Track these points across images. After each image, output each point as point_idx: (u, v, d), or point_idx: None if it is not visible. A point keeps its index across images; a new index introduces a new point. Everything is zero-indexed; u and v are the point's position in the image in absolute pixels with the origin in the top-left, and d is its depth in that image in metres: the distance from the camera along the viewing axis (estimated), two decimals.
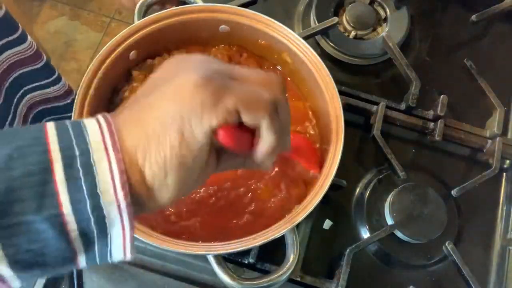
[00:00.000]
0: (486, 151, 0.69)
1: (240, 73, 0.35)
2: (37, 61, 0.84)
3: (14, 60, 0.78)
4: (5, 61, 0.75)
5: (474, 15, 0.75)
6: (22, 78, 0.81)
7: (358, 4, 0.75)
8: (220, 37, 0.63)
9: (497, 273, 0.65)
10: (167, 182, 0.31)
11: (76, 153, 0.29)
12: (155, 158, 0.31)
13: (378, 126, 0.66)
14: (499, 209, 0.69)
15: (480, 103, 0.72)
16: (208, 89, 0.31)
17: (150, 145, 0.31)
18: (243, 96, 0.32)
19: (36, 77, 0.86)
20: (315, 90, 0.59)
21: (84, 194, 0.28)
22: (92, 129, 0.30)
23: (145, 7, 0.63)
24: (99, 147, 0.29)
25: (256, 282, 0.51)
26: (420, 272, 0.65)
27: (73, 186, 0.28)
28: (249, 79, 0.35)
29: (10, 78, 0.78)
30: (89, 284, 0.60)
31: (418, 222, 0.63)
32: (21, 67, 0.80)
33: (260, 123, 0.34)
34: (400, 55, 0.70)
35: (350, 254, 0.60)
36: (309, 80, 0.60)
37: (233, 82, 0.33)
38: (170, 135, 0.31)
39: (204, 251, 0.50)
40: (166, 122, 0.31)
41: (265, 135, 0.35)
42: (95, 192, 0.28)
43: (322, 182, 0.52)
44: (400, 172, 0.63)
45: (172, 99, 0.31)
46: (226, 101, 0.31)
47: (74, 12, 1.85)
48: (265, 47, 0.62)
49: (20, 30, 0.78)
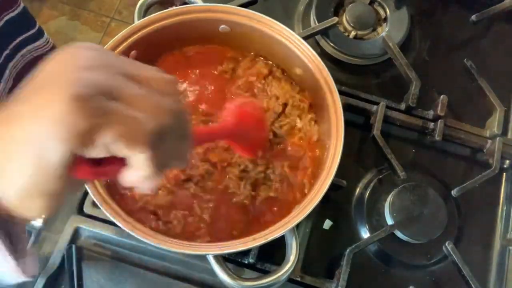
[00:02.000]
0: (486, 151, 0.69)
1: (132, 71, 0.30)
2: None
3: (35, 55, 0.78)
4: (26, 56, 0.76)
5: (474, 15, 0.75)
6: None
7: (358, 4, 0.75)
8: (220, 37, 0.63)
9: (497, 273, 0.65)
10: (30, 206, 0.28)
11: None
12: (11, 184, 0.27)
13: (378, 126, 0.66)
14: (499, 209, 0.69)
15: (480, 103, 0.72)
16: (76, 115, 0.25)
17: (3, 171, 0.27)
18: (117, 127, 0.27)
19: None
20: (315, 90, 0.59)
21: None
22: None
23: (145, 7, 0.63)
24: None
25: (256, 282, 0.51)
26: (420, 272, 0.65)
27: None
28: (141, 79, 0.30)
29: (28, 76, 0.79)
30: (89, 284, 0.60)
31: (418, 222, 0.63)
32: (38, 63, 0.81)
33: (133, 156, 0.29)
34: (400, 55, 0.70)
35: (350, 254, 0.60)
36: (309, 80, 0.60)
37: (108, 103, 0.27)
38: (24, 161, 0.26)
39: (204, 251, 0.50)
40: (20, 144, 0.26)
41: (138, 167, 0.29)
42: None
43: (322, 182, 0.52)
44: (400, 172, 0.63)
45: (32, 118, 0.26)
46: (95, 133, 0.26)
47: (74, 12, 1.85)
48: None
49: (37, 26, 0.79)
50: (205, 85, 0.62)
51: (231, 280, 0.51)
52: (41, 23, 0.82)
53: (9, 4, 0.71)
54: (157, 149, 0.29)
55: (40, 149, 0.26)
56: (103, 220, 0.61)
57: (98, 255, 0.62)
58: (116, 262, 0.61)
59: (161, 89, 0.30)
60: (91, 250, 0.62)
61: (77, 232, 0.61)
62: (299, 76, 0.62)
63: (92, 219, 0.62)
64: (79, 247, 0.60)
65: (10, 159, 0.27)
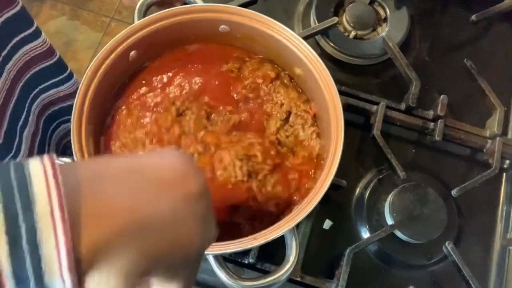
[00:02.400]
0: (486, 151, 0.69)
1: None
2: (51, 57, 0.85)
3: (30, 56, 0.78)
4: (21, 58, 0.76)
5: (474, 15, 0.75)
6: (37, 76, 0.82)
7: (358, 4, 0.75)
8: (220, 37, 0.63)
9: (497, 273, 0.65)
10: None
11: (22, 231, 0.25)
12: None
13: (378, 126, 0.66)
14: (499, 209, 0.69)
15: (480, 103, 0.72)
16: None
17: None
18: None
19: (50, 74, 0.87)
20: (315, 90, 0.59)
21: (29, 271, 0.26)
22: (41, 197, 0.26)
23: (145, 7, 0.63)
24: (47, 225, 0.26)
25: (256, 282, 0.51)
26: (420, 272, 0.65)
27: (17, 261, 0.25)
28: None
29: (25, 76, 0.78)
30: None
31: (418, 222, 0.63)
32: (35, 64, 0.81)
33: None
34: (400, 55, 0.70)
35: (350, 254, 0.60)
36: (309, 80, 0.60)
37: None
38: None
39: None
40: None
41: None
42: (39, 273, 0.26)
43: (322, 182, 0.52)
44: (400, 172, 0.63)
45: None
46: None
47: (74, 12, 1.85)
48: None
49: (35, 25, 0.79)
50: (209, 79, 0.62)
51: (231, 280, 0.51)
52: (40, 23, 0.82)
53: (8, 3, 0.70)
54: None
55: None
56: None
57: None
58: None
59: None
60: None
61: None
62: (299, 76, 0.62)
63: None
64: None
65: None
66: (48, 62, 0.84)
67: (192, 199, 0.31)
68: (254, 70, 0.63)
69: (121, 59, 0.57)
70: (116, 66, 0.57)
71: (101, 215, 0.28)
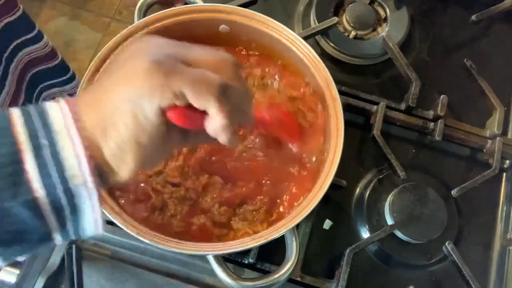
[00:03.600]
0: (486, 151, 0.69)
1: (194, 56, 0.36)
2: (53, 60, 0.86)
3: (32, 57, 0.79)
4: (23, 59, 0.77)
5: (474, 15, 0.75)
6: (39, 76, 0.83)
7: (358, 4, 0.75)
8: (220, 37, 0.63)
9: (497, 273, 0.65)
10: (126, 160, 0.34)
11: (43, 143, 0.31)
12: (112, 138, 0.33)
13: (378, 126, 0.66)
14: (499, 209, 0.69)
15: (480, 103, 0.72)
16: (157, 73, 0.32)
17: (106, 127, 0.33)
18: (190, 80, 0.33)
19: (52, 75, 0.88)
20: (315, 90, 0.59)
21: (54, 179, 0.31)
22: (55, 116, 0.32)
23: (145, 7, 0.63)
24: (63, 134, 0.32)
25: (256, 282, 0.51)
26: (420, 272, 0.65)
27: (44, 173, 0.31)
28: (202, 62, 0.36)
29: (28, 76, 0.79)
30: (89, 284, 0.60)
31: (418, 222, 0.63)
32: (37, 65, 0.82)
33: (207, 106, 0.35)
34: (400, 55, 0.70)
35: (350, 254, 0.60)
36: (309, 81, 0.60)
37: (183, 66, 0.34)
38: (123, 117, 0.33)
39: (204, 251, 0.50)
40: (119, 105, 0.33)
41: (214, 116, 0.35)
42: (64, 177, 0.31)
43: (322, 182, 0.52)
44: (400, 172, 0.63)
45: (124, 84, 0.33)
46: (173, 85, 0.33)
47: (74, 12, 1.85)
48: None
49: (36, 29, 0.80)
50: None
51: (231, 280, 0.51)
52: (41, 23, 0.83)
53: (8, 8, 0.71)
54: (225, 102, 0.35)
55: (135, 106, 0.32)
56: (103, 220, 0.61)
57: (98, 255, 0.62)
58: (116, 262, 0.61)
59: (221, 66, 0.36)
60: (91, 250, 0.62)
61: None
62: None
63: None
64: (79, 247, 0.60)
65: (111, 118, 0.33)
66: (49, 64, 0.85)
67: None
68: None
69: None
70: None
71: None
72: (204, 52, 0.37)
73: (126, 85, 0.33)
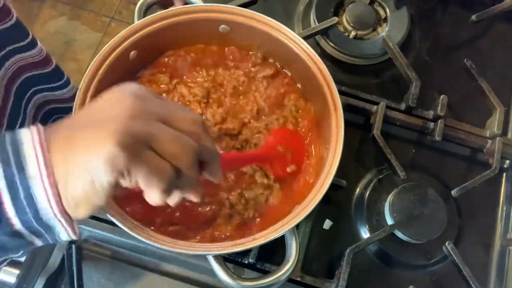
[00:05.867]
0: (486, 151, 0.69)
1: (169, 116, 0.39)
2: (46, 67, 0.86)
3: (24, 63, 0.79)
4: (14, 64, 0.77)
5: (474, 15, 0.75)
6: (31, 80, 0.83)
7: (358, 4, 0.75)
8: (220, 37, 0.63)
9: (497, 273, 0.65)
10: (78, 211, 0.38)
11: (19, 187, 0.36)
12: (70, 193, 0.37)
13: (378, 126, 0.66)
14: (499, 209, 0.69)
15: (480, 103, 0.72)
16: (119, 159, 0.35)
17: (68, 182, 0.37)
18: (146, 171, 0.37)
19: (45, 81, 0.87)
20: (315, 90, 0.59)
21: (29, 216, 0.37)
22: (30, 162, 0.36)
23: (145, 6, 0.63)
24: (36, 180, 0.36)
25: (256, 282, 0.51)
26: (420, 272, 0.65)
27: (21, 211, 0.37)
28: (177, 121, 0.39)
29: (19, 80, 0.79)
30: (89, 284, 0.60)
31: (418, 222, 0.63)
32: (30, 70, 0.81)
33: (150, 195, 0.39)
34: (400, 55, 0.70)
35: (350, 254, 0.60)
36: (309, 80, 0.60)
37: (146, 153, 0.37)
38: (83, 181, 0.36)
39: (204, 251, 0.50)
40: (82, 168, 0.36)
41: (151, 198, 0.39)
42: (38, 215, 0.37)
43: (322, 182, 0.52)
44: (400, 172, 0.63)
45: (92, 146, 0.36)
46: (131, 173, 0.36)
47: (74, 12, 1.85)
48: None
49: (30, 37, 0.80)
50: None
51: (231, 280, 0.51)
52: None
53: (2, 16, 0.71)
54: (171, 186, 0.39)
55: (95, 176, 0.36)
56: (103, 220, 0.61)
57: (98, 255, 0.62)
58: (116, 262, 0.61)
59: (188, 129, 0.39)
60: (91, 250, 0.62)
61: None
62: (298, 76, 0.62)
63: (92, 219, 0.62)
64: (79, 247, 0.60)
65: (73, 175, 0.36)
66: (43, 70, 0.85)
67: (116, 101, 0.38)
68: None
69: (121, 59, 0.57)
70: (116, 66, 0.57)
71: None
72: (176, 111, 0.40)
73: (91, 156, 0.36)
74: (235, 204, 0.57)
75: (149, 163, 0.37)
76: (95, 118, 0.38)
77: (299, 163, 0.59)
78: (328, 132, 0.56)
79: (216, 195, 0.57)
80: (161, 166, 0.37)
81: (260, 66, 0.64)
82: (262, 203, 0.57)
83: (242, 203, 0.57)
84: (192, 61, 0.64)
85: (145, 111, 0.38)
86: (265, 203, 0.57)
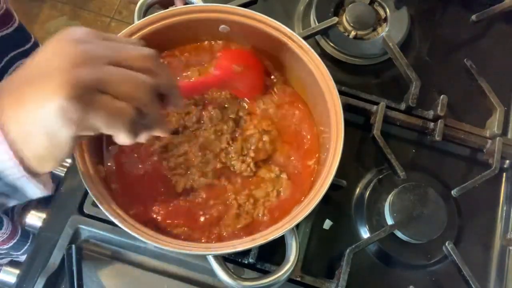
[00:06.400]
0: (486, 151, 0.69)
1: (117, 59, 0.38)
2: None
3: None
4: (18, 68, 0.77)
5: (474, 15, 0.75)
6: None
7: (358, 4, 0.75)
8: (220, 37, 0.63)
9: (497, 273, 0.65)
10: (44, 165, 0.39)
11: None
12: (31, 151, 0.37)
13: (378, 126, 0.66)
14: (499, 209, 0.69)
15: (480, 103, 0.72)
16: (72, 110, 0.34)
17: (26, 140, 0.37)
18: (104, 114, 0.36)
19: None
20: (315, 90, 0.59)
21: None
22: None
23: (145, 6, 0.63)
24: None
25: (256, 282, 0.51)
26: (420, 272, 0.65)
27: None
28: (127, 60, 0.38)
29: None
30: (89, 284, 0.60)
31: (418, 222, 0.63)
32: None
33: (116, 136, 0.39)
34: (400, 55, 0.70)
35: (350, 254, 0.60)
36: (309, 80, 0.60)
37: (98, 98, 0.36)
38: (40, 137, 0.36)
39: (204, 251, 0.50)
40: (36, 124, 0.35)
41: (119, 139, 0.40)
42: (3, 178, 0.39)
43: (322, 182, 0.52)
44: (400, 172, 0.63)
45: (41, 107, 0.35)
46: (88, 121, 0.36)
47: (74, 12, 1.85)
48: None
49: (32, 41, 0.80)
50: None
51: (231, 280, 0.51)
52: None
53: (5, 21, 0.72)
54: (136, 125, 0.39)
55: (51, 131, 0.35)
56: (103, 220, 0.61)
57: (98, 255, 0.62)
58: (116, 262, 0.61)
59: (140, 66, 0.39)
60: (91, 250, 0.62)
61: (77, 232, 0.61)
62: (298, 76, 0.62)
63: (92, 219, 0.62)
64: (79, 247, 0.60)
65: (30, 134, 0.36)
66: None
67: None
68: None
69: None
70: None
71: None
72: (126, 50, 0.39)
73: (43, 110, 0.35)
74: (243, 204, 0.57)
75: (105, 108, 0.36)
76: (40, 71, 0.37)
77: (258, 84, 0.61)
78: (328, 132, 0.56)
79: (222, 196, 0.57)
80: (118, 108, 0.37)
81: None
82: (274, 199, 0.57)
83: (251, 203, 0.57)
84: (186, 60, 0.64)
85: (90, 55, 0.37)
86: (277, 198, 0.57)
